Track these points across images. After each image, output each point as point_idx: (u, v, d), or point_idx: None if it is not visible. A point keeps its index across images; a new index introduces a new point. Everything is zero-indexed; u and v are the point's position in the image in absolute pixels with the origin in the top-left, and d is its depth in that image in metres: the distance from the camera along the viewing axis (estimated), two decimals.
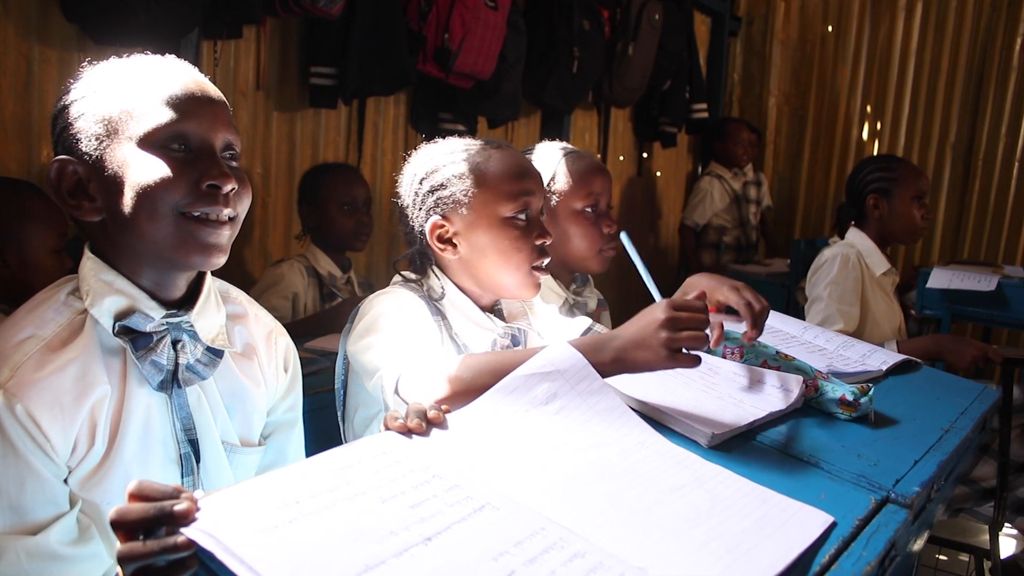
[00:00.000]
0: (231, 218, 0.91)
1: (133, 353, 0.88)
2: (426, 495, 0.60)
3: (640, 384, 0.95)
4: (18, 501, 0.82)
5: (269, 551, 0.50)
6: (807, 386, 1.00)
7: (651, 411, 0.88)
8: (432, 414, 0.73)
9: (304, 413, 1.15)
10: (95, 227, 0.89)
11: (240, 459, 1.02)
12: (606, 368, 0.88)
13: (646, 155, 4.16)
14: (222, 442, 0.99)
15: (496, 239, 1.17)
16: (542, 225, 1.21)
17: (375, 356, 1.07)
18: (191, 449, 0.94)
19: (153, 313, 0.89)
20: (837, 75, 4.30)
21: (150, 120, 0.85)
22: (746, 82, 4.70)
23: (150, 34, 1.72)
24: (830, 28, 4.34)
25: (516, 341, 1.22)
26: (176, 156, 0.86)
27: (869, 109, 4.22)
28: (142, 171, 0.84)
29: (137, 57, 0.91)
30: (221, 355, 0.95)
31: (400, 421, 0.71)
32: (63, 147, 0.88)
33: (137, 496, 0.54)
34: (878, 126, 4.18)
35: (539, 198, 1.21)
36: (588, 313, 1.65)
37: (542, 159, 1.59)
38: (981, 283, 2.34)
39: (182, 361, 0.91)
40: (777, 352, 1.11)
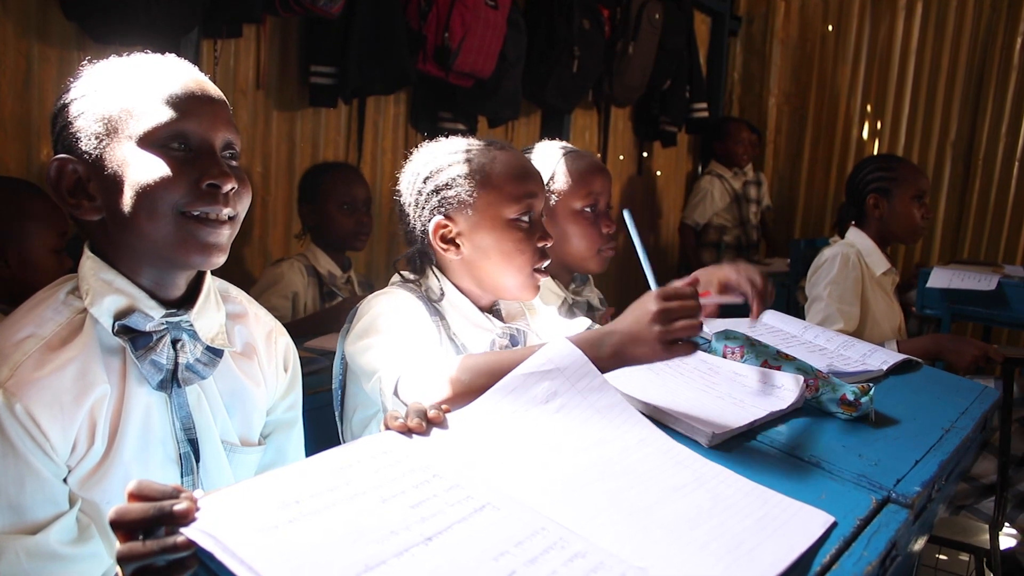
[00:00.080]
0: (231, 217, 0.90)
1: (133, 352, 0.87)
2: (426, 495, 0.60)
3: (640, 384, 0.95)
4: (18, 500, 0.82)
5: (269, 551, 0.50)
6: (808, 386, 1.00)
7: (652, 411, 0.88)
8: (432, 414, 0.73)
9: (304, 412, 1.15)
10: (95, 226, 0.89)
11: (240, 459, 1.02)
12: (605, 363, 0.88)
13: (646, 154, 4.16)
14: (222, 441, 0.99)
15: (500, 240, 1.17)
16: (543, 227, 1.21)
17: (374, 357, 1.07)
18: (191, 449, 0.94)
19: (153, 312, 0.89)
20: (837, 74, 4.30)
21: (150, 119, 0.85)
22: (746, 81, 4.70)
23: (150, 33, 1.73)
24: (830, 27, 4.34)
25: (515, 341, 1.22)
26: (176, 155, 0.86)
27: (869, 108, 4.22)
28: (142, 170, 0.84)
29: (137, 56, 0.91)
30: (221, 354, 0.95)
31: (400, 421, 0.71)
32: (63, 146, 0.88)
33: (136, 496, 0.54)
34: (878, 125, 4.18)
35: (541, 200, 1.22)
36: (589, 312, 1.64)
37: (541, 158, 1.58)
38: (981, 283, 2.34)
39: (182, 360, 0.91)
40: (778, 352, 1.11)
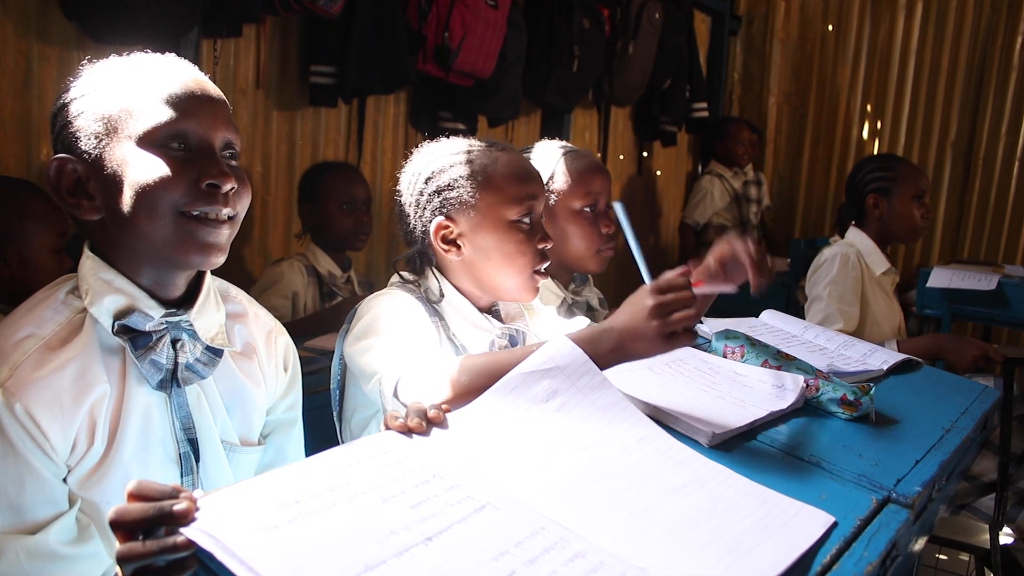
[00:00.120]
0: (230, 217, 0.90)
1: (132, 352, 0.87)
2: (426, 495, 0.60)
3: (641, 383, 0.95)
4: (17, 500, 0.82)
5: (269, 551, 0.50)
6: (808, 386, 0.99)
7: (652, 411, 0.88)
8: (432, 413, 0.73)
9: (304, 412, 1.15)
10: (94, 226, 0.89)
11: (240, 458, 1.02)
12: (605, 359, 0.88)
13: (646, 154, 4.16)
14: (222, 441, 0.99)
15: (501, 242, 1.17)
16: (544, 229, 1.21)
17: (373, 359, 1.07)
18: (190, 448, 0.94)
19: (152, 312, 0.89)
20: (837, 74, 4.29)
21: (149, 119, 0.85)
22: (746, 81, 4.69)
23: (150, 32, 1.72)
24: (830, 27, 4.33)
25: (514, 342, 1.22)
26: (175, 155, 0.86)
27: (869, 108, 4.22)
28: (141, 170, 0.84)
29: (137, 55, 0.91)
30: (220, 354, 0.95)
31: (400, 420, 0.71)
32: (62, 145, 0.88)
33: (136, 496, 0.54)
34: (878, 125, 4.18)
35: (541, 201, 1.22)
36: (589, 312, 1.64)
37: (541, 158, 1.58)
38: (981, 282, 2.33)
39: (181, 360, 0.91)
40: (778, 351, 1.11)
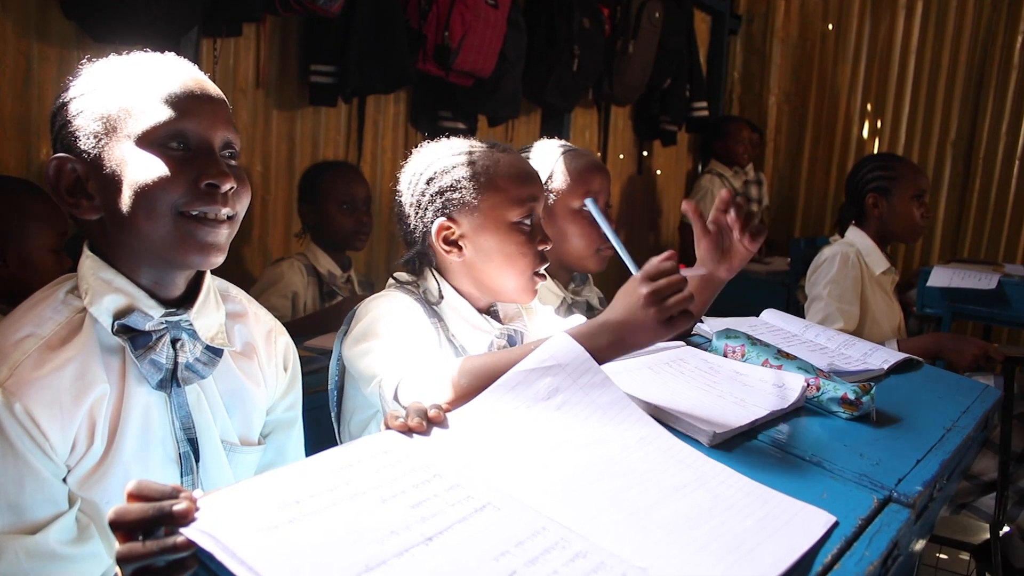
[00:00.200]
0: (230, 217, 0.90)
1: (132, 352, 0.87)
2: (427, 494, 0.60)
3: (641, 383, 0.95)
4: (17, 500, 0.82)
5: (269, 551, 0.50)
6: (808, 385, 0.99)
7: (653, 410, 0.88)
8: (433, 413, 0.73)
9: (304, 412, 1.15)
10: (94, 225, 0.89)
11: (239, 458, 1.02)
12: (604, 354, 0.88)
13: (646, 153, 4.15)
14: (221, 441, 0.99)
15: (502, 243, 1.17)
16: (543, 231, 1.22)
17: (373, 361, 1.06)
18: (190, 448, 0.94)
19: (152, 312, 0.89)
20: (837, 73, 4.29)
21: (149, 118, 0.85)
22: (746, 80, 4.69)
23: (150, 32, 1.72)
24: (830, 26, 4.33)
25: (512, 342, 1.22)
26: (175, 155, 0.85)
27: (869, 107, 4.22)
28: (140, 169, 0.84)
29: (136, 55, 0.90)
30: (220, 354, 0.95)
31: (400, 420, 0.71)
32: (62, 145, 0.88)
33: (136, 496, 0.54)
34: (878, 124, 4.18)
35: (541, 203, 1.22)
36: (589, 312, 1.64)
37: (540, 157, 1.58)
38: (982, 281, 2.33)
39: (181, 360, 0.91)
40: (778, 351, 1.11)
